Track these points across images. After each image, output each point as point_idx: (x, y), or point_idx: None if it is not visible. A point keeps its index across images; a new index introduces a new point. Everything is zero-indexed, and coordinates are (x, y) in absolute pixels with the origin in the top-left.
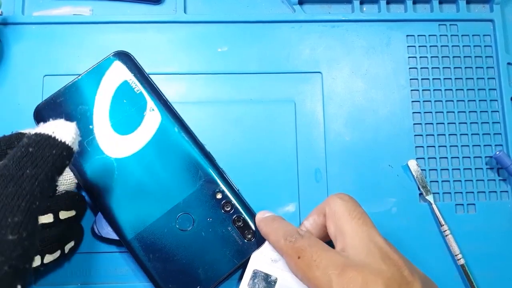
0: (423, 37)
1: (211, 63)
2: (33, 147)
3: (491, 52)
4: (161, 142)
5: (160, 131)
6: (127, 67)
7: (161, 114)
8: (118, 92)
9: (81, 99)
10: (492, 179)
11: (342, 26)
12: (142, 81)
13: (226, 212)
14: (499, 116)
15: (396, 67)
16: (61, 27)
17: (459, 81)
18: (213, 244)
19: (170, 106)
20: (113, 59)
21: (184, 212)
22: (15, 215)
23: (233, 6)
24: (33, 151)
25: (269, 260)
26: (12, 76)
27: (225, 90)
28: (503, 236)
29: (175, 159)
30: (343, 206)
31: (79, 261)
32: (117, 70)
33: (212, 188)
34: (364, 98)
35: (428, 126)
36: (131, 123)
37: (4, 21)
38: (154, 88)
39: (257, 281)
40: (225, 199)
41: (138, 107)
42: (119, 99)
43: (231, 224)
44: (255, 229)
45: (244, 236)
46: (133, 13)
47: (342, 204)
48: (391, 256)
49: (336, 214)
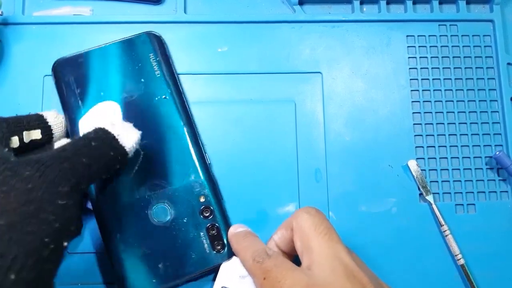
0: (423, 38)
1: (211, 63)
2: (96, 142)
3: (491, 53)
4: (164, 130)
5: (166, 120)
6: (155, 48)
7: (172, 104)
8: (139, 70)
9: (101, 66)
10: (492, 179)
11: (342, 26)
12: (164, 66)
13: (204, 217)
14: (499, 116)
15: (396, 67)
16: (61, 27)
17: (459, 82)
18: (181, 245)
19: (184, 100)
20: (145, 37)
21: (163, 203)
22: (65, 186)
23: (233, 6)
24: (95, 145)
25: (238, 276)
26: (12, 76)
27: (225, 90)
28: (503, 236)
29: (172, 149)
30: (309, 221)
31: (79, 261)
32: (144, 48)
33: (198, 189)
34: (364, 98)
35: (428, 126)
36: (140, 103)
37: (4, 21)
38: (174, 77)
39: None
40: (207, 204)
41: (152, 90)
42: (137, 76)
43: (204, 230)
44: (226, 242)
45: (213, 246)
46: (133, 13)
47: (309, 218)
48: (356, 274)
49: (302, 229)
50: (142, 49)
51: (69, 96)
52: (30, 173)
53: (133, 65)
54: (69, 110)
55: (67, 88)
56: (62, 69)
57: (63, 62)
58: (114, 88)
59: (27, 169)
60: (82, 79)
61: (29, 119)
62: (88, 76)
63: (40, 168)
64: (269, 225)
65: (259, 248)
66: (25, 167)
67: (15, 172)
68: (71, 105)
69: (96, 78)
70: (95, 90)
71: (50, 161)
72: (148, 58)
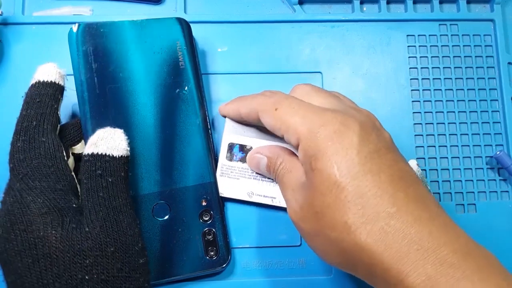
0: (423, 37)
1: (211, 63)
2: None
3: (491, 52)
4: (178, 126)
5: (182, 116)
6: (183, 36)
7: (191, 100)
8: (162, 56)
9: (124, 41)
10: (493, 179)
11: (342, 26)
12: (190, 58)
13: (202, 221)
14: (499, 116)
15: (396, 67)
16: (61, 27)
17: (460, 81)
18: (175, 245)
19: (203, 97)
20: (175, 23)
21: (166, 201)
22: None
23: (233, 6)
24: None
25: (239, 135)
26: (12, 76)
27: (225, 90)
28: (504, 236)
29: (184, 148)
30: (308, 87)
31: None
32: (173, 34)
33: (202, 192)
34: (364, 98)
35: (428, 126)
36: (158, 93)
37: (4, 21)
38: (197, 71)
39: (234, 151)
40: (208, 208)
41: (173, 81)
42: (160, 63)
43: (200, 234)
44: (220, 250)
45: (207, 252)
46: (133, 13)
47: (307, 86)
48: (363, 111)
49: (303, 94)
50: (169, 34)
51: (86, 70)
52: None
53: (158, 49)
54: (81, 86)
55: (84, 59)
56: (82, 36)
57: (85, 28)
58: (134, 70)
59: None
60: (101, 53)
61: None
62: (109, 52)
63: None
64: (269, 226)
65: (259, 92)
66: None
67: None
68: (85, 82)
69: (116, 55)
70: (113, 69)
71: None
72: (175, 45)
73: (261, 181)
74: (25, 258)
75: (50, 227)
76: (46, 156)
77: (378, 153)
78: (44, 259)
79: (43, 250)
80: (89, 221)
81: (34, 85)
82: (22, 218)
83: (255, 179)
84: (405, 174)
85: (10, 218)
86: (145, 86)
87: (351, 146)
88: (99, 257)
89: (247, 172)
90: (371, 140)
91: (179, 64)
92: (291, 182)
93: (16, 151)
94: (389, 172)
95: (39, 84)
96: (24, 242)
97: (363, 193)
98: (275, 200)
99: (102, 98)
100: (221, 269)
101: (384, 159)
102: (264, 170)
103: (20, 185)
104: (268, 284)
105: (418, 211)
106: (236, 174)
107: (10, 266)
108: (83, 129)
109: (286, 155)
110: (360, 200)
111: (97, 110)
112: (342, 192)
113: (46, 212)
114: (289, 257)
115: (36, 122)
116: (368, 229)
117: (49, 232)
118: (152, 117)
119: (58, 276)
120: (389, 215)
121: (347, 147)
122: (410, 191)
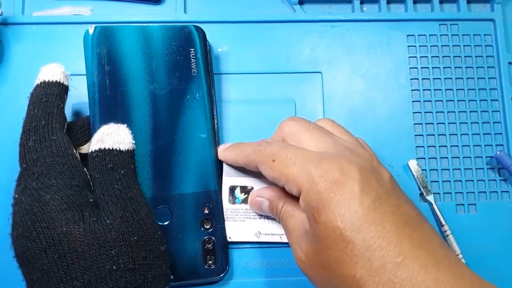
0: (423, 37)
1: (211, 63)
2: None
3: (492, 52)
4: (187, 133)
5: (192, 123)
6: (197, 44)
7: (201, 108)
8: (175, 63)
9: (138, 45)
10: (493, 179)
11: (342, 26)
12: (203, 65)
13: (203, 229)
14: (500, 116)
15: (396, 67)
16: (61, 27)
17: (460, 81)
18: (174, 251)
19: (214, 106)
20: (192, 30)
21: (168, 207)
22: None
23: (233, 6)
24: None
25: (238, 176)
26: (12, 76)
27: (225, 90)
28: (504, 236)
29: (191, 155)
30: (297, 125)
31: None
32: (188, 41)
33: (205, 200)
34: (364, 98)
35: (428, 126)
36: (168, 99)
37: (4, 21)
38: (209, 79)
39: (235, 194)
40: (210, 216)
41: (185, 88)
42: (172, 69)
43: (200, 242)
44: (218, 259)
45: (205, 260)
46: (133, 13)
47: (296, 123)
48: (359, 151)
49: (294, 134)
50: (184, 41)
51: (99, 72)
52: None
53: (171, 56)
54: (94, 86)
55: (98, 61)
56: (97, 38)
57: (101, 31)
58: (145, 75)
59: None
60: (115, 56)
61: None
62: (122, 56)
63: None
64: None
65: (256, 142)
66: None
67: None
68: (97, 83)
69: (130, 59)
70: (126, 72)
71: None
72: (188, 53)
73: (267, 220)
74: (51, 255)
75: (72, 223)
76: (58, 154)
77: (380, 201)
78: (71, 253)
79: (68, 245)
80: (108, 213)
81: (40, 85)
82: (43, 216)
83: (260, 219)
84: (408, 218)
85: (30, 217)
86: (155, 91)
87: (353, 197)
88: (123, 247)
89: (252, 213)
90: (371, 186)
91: (191, 71)
92: (295, 228)
93: (28, 151)
94: (393, 219)
95: (44, 84)
96: (48, 239)
97: (368, 245)
98: (283, 237)
99: (113, 100)
100: (219, 278)
101: (387, 206)
102: (267, 212)
103: (36, 184)
104: (268, 284)
105: (424, 256)
106: (241, 216)
107: (35, 264)
108: (91, 129)
109: (287, 198)
110: (366, 253)
111: (107, 112)
112: (348, 246)
113: (66, 209)
114: (289, 257)
115: (44, 121)
116: (376, 281)
117: (71, 227)
118: (160, 121)
119: (86, 268)
120: (395, 265)
121: (348, 198)
122: (414, 236)
